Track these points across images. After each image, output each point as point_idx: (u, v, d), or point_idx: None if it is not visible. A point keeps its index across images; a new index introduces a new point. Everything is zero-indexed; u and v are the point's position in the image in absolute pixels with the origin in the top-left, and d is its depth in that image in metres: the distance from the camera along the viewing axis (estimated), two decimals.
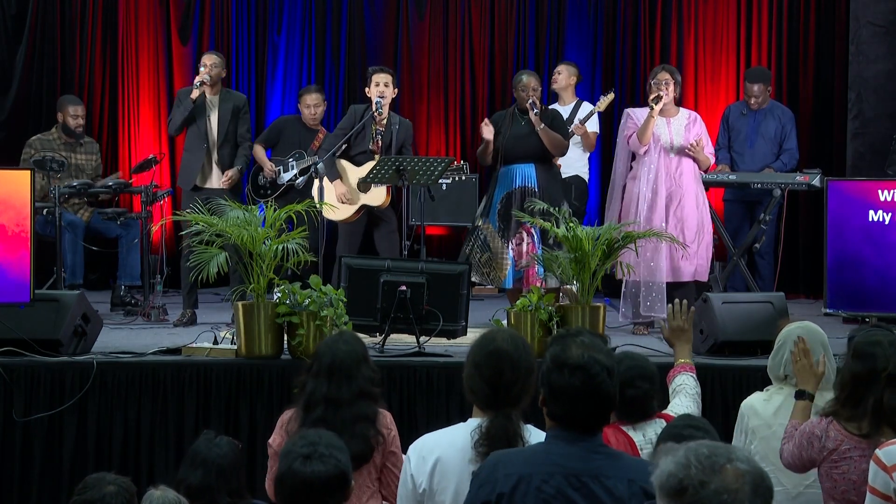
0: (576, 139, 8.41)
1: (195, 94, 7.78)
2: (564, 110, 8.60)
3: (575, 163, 8.58)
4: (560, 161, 8.36)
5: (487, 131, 7.51)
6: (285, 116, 9.04)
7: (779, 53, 10.01)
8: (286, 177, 8.36)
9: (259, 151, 8.38)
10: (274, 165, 8.37)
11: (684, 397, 4.35)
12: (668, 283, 7.21)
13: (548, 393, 2.96)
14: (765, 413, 4.43)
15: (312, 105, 8.56)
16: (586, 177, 8.78)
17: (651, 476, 2.95)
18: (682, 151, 7.32)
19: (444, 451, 3.44)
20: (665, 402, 4.35)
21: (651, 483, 2.88)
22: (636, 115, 7.45)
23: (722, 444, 2.28)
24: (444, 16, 10.38)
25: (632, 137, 7.36)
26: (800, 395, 4.31)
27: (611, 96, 8.42)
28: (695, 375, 4.49)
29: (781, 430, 4.34)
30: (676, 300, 4.82)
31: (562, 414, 2.95)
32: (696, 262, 7.28)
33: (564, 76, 8.84)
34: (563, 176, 8.25)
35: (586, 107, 8.62)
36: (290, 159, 8.39)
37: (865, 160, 8.65)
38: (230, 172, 7.87)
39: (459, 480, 3.38)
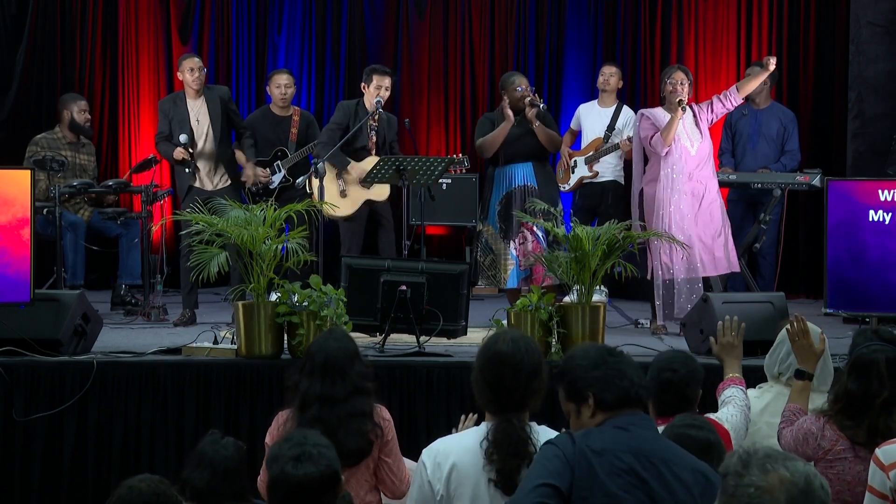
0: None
1: (178, 156, 7.75)
2: (606, 112, 8.62)
3: (613, 168, 8.60)
4: (597, 168, 8.40)
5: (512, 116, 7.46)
6: (253, 113, 8.84)
7: (779, 53, 10.00)
8: (276, 179, 8.31)
9: (241, 157, 8.31)
10: (263, 170, 8.29)
11: (733, 407, 4.31)
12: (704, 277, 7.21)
13: (600, 388, 3.02)
14: (753, 409, 4.44)
15: (284, 85, 8.47)
16: (623, 181, 8.68)
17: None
18: (700, 147, 7.23)
19: (460, 456, 3.43)
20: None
21: (711, 475, 2.89)
22: (653, 115, 7.32)
23: (791, 455, 2.23)
24: (444, 16, 10.38)
25: (654, 138, 7.21)
26: (799, 374, 4.29)
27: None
28: (745, 388, 4.43)
29: (766, 428, 4.36)
30: (727, 316, 4.74)
31: (618, 398, 3.02)
32: (730, 252, 7.26)
33: (616, 78, 8.79)
34: (601, 180, 8.30)
35: (627, 111, 8.58)
36: (276, 161, 8.34)
37: (865, 160, 8.65)
38: (253, 172, 7.99)
39: (475, 485, 3.38)
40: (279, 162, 8.34)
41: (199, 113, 7.83)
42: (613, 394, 3.00)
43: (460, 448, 3.46)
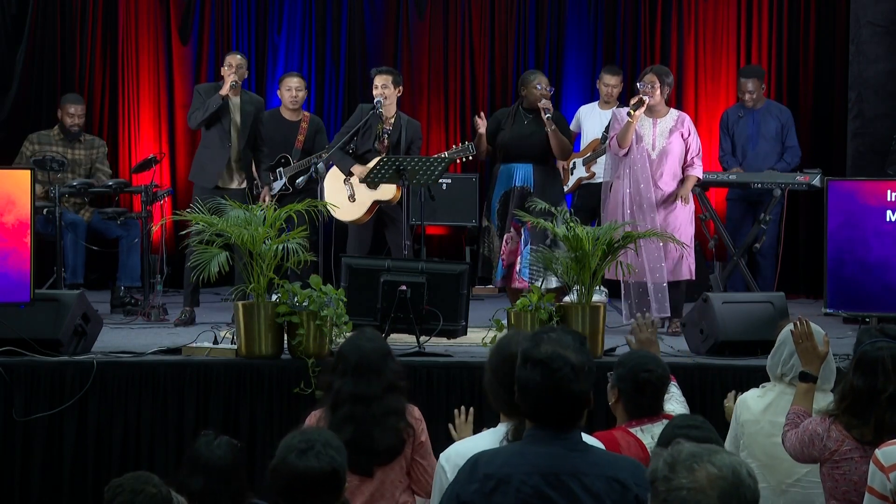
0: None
1: (225, 90, 7.69)
2: (605, 114, 8.66)
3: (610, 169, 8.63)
4: (594, 169, 8.41)
5: (481, 124, 7.50)
6: (263, 114, 8.71)
7: (779, 53, 10.02)
8: (277, 186, 8.24)
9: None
10: (265, 180, 8.19)
11: (676, 403, 4.33)
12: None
13: (518, 389, 2.94)
14: (755, 408, 4.45)
15: (294, 88, 8.41)
16: None
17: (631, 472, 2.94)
18: (663, 153, 7.27)
19: None
20: None
21: (628, 480, 2.88)
22: (620, 115, 7.38)
23: (713, 446, 2.21)
24: (444, 16, 10.38)
25: (612, 140, 7.34)
26: (803, 377, 4.29)
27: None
28: (676, 383, 4.44)
29: (769, 427, 4.35)
30: (639, 314, 4.78)
31: (530, 411, 2.93)
32: (681, 263, 7.25)
33: (620, 88, 8.85)
34: (599, 181, 8.34)
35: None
36: (278, 167, 8.30)
37: (865, 160, 8.65)
38: (267, 193, 7.91)
39: None
40: (281, 169, 8.29)
41: (234, 111, 7.83)
42: (522, 405, 2.93)
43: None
